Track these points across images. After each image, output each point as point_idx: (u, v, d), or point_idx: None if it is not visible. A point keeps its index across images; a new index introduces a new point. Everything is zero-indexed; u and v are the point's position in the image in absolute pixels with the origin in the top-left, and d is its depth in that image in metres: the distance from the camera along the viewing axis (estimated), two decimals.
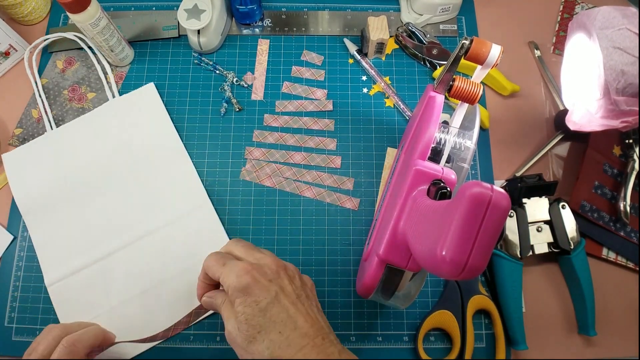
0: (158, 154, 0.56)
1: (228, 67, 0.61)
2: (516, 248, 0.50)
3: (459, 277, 0.26)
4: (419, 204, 0.35)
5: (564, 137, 0.58)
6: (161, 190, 0.54)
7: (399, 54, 0.62)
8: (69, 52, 0.61)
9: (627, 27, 0.43)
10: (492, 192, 0.26)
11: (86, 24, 0.52)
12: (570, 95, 0.52)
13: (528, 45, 0.63)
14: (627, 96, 0.44)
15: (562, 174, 0.57)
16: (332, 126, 0.58)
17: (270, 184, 0.56)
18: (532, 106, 0.60)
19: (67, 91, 0.59)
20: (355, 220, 0.55)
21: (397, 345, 0.51)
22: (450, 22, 0.64)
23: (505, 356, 0.49)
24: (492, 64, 0.39)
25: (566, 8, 0.65)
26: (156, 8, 0.64)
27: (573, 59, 0.50)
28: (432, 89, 0.43)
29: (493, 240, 0.26)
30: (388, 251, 0.37)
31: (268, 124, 0.59)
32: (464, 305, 0.50)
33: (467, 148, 0.41)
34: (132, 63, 0.61)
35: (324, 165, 0.57)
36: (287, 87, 0.60)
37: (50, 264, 0.52)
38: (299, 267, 0.52)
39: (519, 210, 0.51)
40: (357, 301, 0.52)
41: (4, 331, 0.50)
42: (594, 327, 0.50)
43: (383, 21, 0.58)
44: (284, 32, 0.63)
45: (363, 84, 0.61)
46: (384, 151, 0.57)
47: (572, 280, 0.52)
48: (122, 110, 0.58)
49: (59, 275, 0.51)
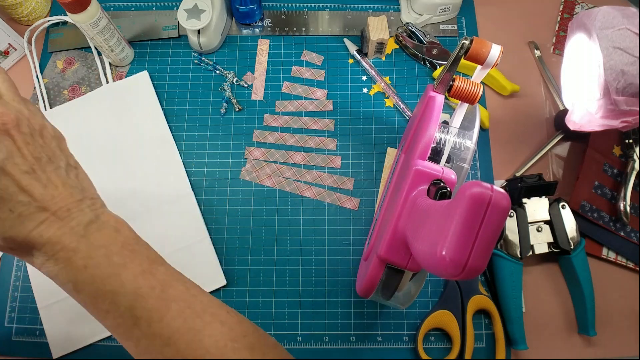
0: (146, 141, 0.56)
1: (228, 67, 0.61)
2: (516, 248, 0.50)
3: (459, 277, 0.26)
4: (419, 204, 0.35)
5: (564, 137, 0.58)
6: (145, 177, 0.55)
7: (399, 54, 0.62)
8: (69, 52, 0.61)
9: (627, 27, 0.43)
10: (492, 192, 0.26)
11: (86, 24, 0.52)
12: (570, 95, 0.52)
13: (528, 45, 0.63)
14: (627, 96, 0.44)
15: (562, 174, 0.57)
16: (332, 126, 0.58)
17: (270, 184, 0.56)
18: (532, 106, 0.60)
19: (67, 91, 0.59)
20: (355, 220, 0.55)
21: (397, 345, 0.51)
22: (450, 22, 0.64)
23: (505, 356, 0.49)
24: (492, 64, 0.39)
25: (566, 8, 0.65)
26: (156, 8, 0.64)
27: (573, 59, 0.50)
28: (432, 89, 0.43)
29: (493, 240, 0.26)
30: (388, 251, 0.37)
31: (268, 124, 0.59)
32: (464, 305, 0.50)
33: (467, 148, 0.41)
34: (132, 63, 0.61)
35: (324, 165, 0.57)
36: (287, 87, 0.60)
37: None
38: (298, 268, 0.53)
39: (519, 210, 0.51)
40: (357, 301, 0.52)
41: (4, 331, 0.50)
42: (594, 327, 0.50)
43: (383, 21, 0.58)
44: (284, 32, 0.63)
45: (363, 84, 0.61)
46: (384, 151, 0.57)
47: (572, 280, 0.52)
48: (113, 96, 0.58)
49: None
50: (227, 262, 0.53)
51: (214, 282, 0.52)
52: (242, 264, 0.53)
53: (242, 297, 0.52)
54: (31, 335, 0.50)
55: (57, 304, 0.50)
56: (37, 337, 0.50)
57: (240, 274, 0.53)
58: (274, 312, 0.52)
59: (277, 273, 0.53)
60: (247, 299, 0.52)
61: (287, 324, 0.51)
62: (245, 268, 0.53)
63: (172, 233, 0.53)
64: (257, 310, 0.52)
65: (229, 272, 0.53)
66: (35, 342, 0.50)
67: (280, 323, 0.51)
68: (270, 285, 0.52)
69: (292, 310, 0.52)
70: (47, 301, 0.50)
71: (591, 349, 0.51)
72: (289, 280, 0.53)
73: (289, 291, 0.52)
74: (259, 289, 0.52)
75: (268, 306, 0.52)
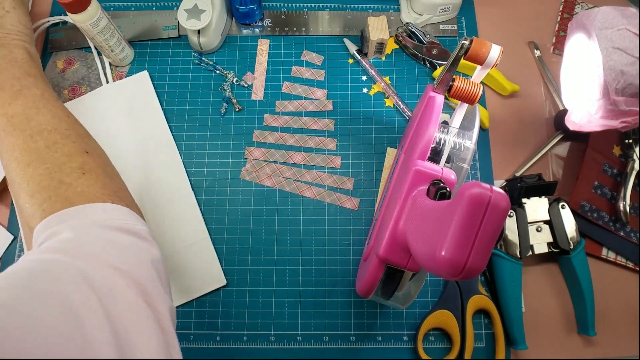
0: (146, 141, 0.56)
1: (228, 67, 0.61)
2: (516, 248, 0.50)
3: (458, 278, 0.27)
4: (419, 204, 0.35)
5: (564, 137, 0.58)
6: (145, 177, 0.55)
7: (399, 54, 0.62)
8: (69, 52, 0.61)
9: (626, 27, 0.43)
10: (491, 193, 0.26)
11: (86, 24, 0.52)
12: (569, 96, 0.52)
13: (528, 45, 0.63)
14: (626, 96, 0.44)
15: (562, 174, 0.57)
16: (332, 126, 0.58)
17: (270, 184, 0.56)
18: (532, 106, 0.60)
19: (67, 91, 0.59)
20: (355, 220, 0.55)
21: (397, 345, 0.51)
22: (450, 22, 0.64)
23: (505, 356, 0.49)
24: (492, 64, 0.39)
25: (566, 8, 0.65)
26: (156, 8, 0.64)
27: (573, 59, 0.50)
28: (432, 89, 0.43)
29: (492, 241, 0.26)
30: (388, 251, 0.37)
31: (268, 124, 0.59)
32: (464, 305, 0.50)
33: (466, 148, 0.41)
34: (132, 63, 0.61)
35: (324, 165, 0.57)
36: (287, 87, 0.60)
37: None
38: (298, 267, 0.53)
39: (519, 210, 0.51)
40: (357, 301, 0.52)
41: None
42: (594, 327, 0.50)
43: (383, 21, 0.58)
44: (284, 32, 0.63)
45: (363, 84, 0.61)
46: (384, 151, 0.57)
47: (571, 280, 0.52)
48: (113, 96, 0.58)
49: None
50: (227, 262, 0.53)
51: (214, 282, 0.52)
52: (242, 263, 0.53)
53: (242, 297, 0.52)
54: None
55: None
56: None
57: (240, 273, 0.53)
58: (274, 312, 0.52)
59: (277, 273, 0.53)
60: (247, 298, 0.52)
61: (287, 323, 0.51)
62: (245, 268, 0.53)
63: (172, 233, 0.53)
64: (257, 310, 0.52)
65: (229, 271, 0.53)
66: None
67: (280, 323, 0.51)
68: (270, 285, 0.52)
69: (292, 310, 0.52)
70: None
71: (591, 349, 0.51)
72: (289, 280, 0.53)
73: (289, 291, 0.52)
74: (259, 288, 0.52)
75: (268, 306, 0.52)
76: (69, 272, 0.29)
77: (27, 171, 0.38)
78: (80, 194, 0.37)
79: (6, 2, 0.50)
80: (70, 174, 0.38)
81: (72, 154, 0.40)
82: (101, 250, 0.32)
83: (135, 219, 0.38)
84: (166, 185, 0.55)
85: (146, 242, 0.36)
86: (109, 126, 0.57)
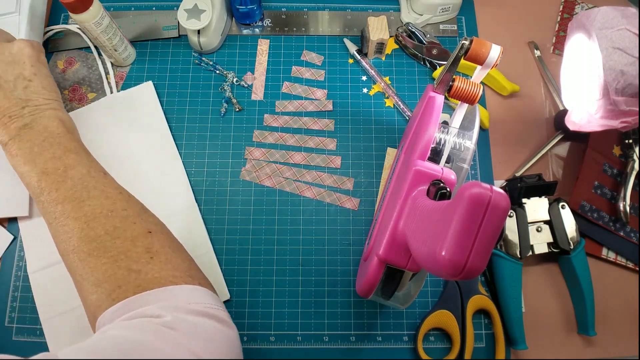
0: (150, 152, 0.56)
1: (228, 67, 0.61)
2: (516, 248, 0.50)
3: (458, 278, 0.27)
4: (419, 204, 0.35)
5: (564, 137, 0.58)
6: (150, 189, 0.54)
7: (399, 54, 0.62)
8: (70, 52, 0.61)
9: (626, 27, 0.43)
10: (491, 193, 0.26)
11: (89, 24, 0.51)
12: (569, 96, 0.52)
13: (528, 45, 0.63)
14: (626, 96, 0.44)
15: (562, 174, 0.57)
16: (332, 126, 0.58)
17: (270, 184, 0.56)
18: (532, 106, 0.60)
19: (67, 91, 0.59)
20: (355, 220, 0.55)
21: (397, 345, 0.51)
22: (450, 22, 0.64)
23: (505, 356, 0.49)
24: (492, 64, 0.39)
25: (566, 8, 0.65)
26: (156, 8, 0.64)
27: (573, 59, 0.50)
28: (432, 89, 0.43)
29: (492, 241, 0.26)
30: (388, 251, 0.37)
31: (268, 124, 0.59)
32: (464, 305, 0.50)
33: (466, 148, 0.41)
34: (132, 63, 0.61)
35: (324, 165, 0.57)
36: (287, 87, 0.60)
37: (35, 252, 0.52)
38: (298, 268, 0.53)
39: (519, 210, 0.51)
40: (357, 301, 0.52)
41: (4, 331, 0.50)
42: (594, 327, 0.50)
43: (383, 21, 0.58)
44: (284, 32, 0.63)
45: (363, 84, 0.61)
46: (384, 151, 0.57)
47: (571, 280, 0.52)
48: (118, 107, 0.58)
49: (42, 264, 0.51)
50: (227, 262, 0.53)
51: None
52: (242, 263, 0.53)
53: (242, 297, 0.52)
54: (31, 335, 0.50)
55: (60, 317, 0.50)
56: (37, 337, 0.50)
57: (240, 273, 0.53)
58: (274, 312, 0.52)
59: (277, 273, 0.53)
60: (247, 298, 0.52)
61: (287, 323, 0.51)
62: (245, 268, 0.53)
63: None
64: (257, 310, 0.52)
65: (229, 272, 0.53)
66: (36, 342, 0.50)
67: (280, 323, 0.51)
68: (270, 285, 0.52)
69: (292, 310, 0.52)
70: (49, 314, 0.50)
71: (591, 349, 0.51)
72: (289, 280, 0.53)
73: (289, 291, 0.52)
74: (258, 288, 0.52)
75: (268, 306, 0.52)
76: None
77: (88, 261, 0.36)
78: (152, 281, 0.35)
79: (26, 70, 0.46)
80: (138, 260, 0.36)
81: (135, 237, 0.38)
82: (187, 337, 0.31)
83: (214, 300, 0.36)
84: (170, 197, 0.54)
85: (225, 325, 0.35)
86: (113, 136, 0.56)
